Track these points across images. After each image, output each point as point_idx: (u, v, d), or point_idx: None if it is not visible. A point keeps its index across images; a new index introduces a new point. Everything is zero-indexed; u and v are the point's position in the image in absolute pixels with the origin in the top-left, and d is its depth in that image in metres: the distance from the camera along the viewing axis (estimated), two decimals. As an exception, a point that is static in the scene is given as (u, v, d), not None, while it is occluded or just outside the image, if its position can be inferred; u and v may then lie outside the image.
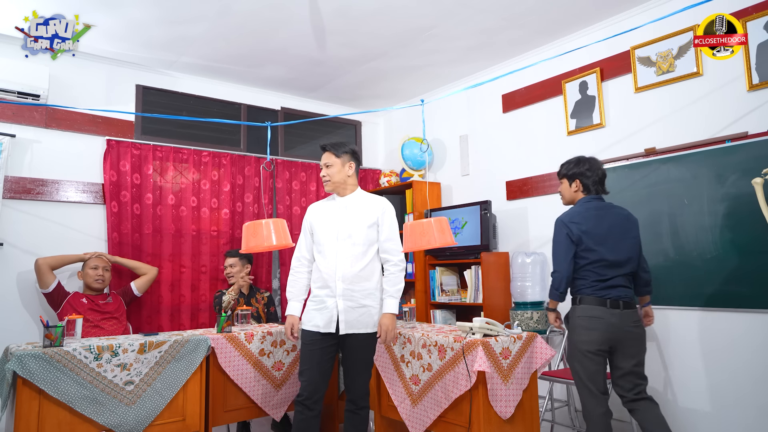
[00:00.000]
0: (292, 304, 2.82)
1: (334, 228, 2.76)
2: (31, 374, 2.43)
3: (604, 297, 2.68)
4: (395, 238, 2.79)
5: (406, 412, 2.95)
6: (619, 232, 2.75)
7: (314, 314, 2.72)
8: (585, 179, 2.86)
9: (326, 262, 2.74)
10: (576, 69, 3.88)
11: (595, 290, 2.70)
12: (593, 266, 2.71)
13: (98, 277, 3.59)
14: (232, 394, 3.02)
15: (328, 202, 2.89)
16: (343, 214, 2.78)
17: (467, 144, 4.71)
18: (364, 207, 2.81)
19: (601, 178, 2.88)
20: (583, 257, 2.73)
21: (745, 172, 2.94)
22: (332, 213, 2.81)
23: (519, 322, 3.75)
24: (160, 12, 3.41)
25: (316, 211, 2.87)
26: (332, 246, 2.74)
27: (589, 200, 2.84)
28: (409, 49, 4.06)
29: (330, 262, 2.72)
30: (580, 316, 2.72)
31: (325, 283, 2.72)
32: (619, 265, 2.72)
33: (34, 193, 3.74)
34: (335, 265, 2.71)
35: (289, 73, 4.48)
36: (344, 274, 2.70)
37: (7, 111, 3.68)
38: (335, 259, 2.72)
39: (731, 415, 3.02)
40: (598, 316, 2.66)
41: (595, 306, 2.68)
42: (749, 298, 2.95)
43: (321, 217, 2.82)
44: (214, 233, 4.38)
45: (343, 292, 2.68)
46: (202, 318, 4.26)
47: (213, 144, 4.57)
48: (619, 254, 2.72)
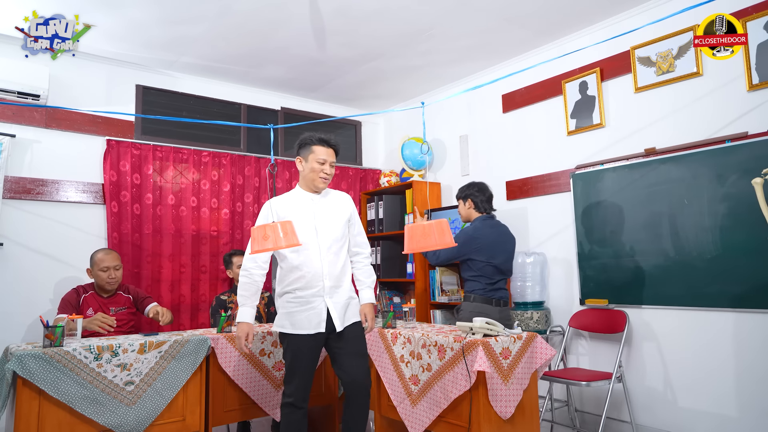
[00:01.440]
0: (246, 310, 2.68)
1: (311, 224, 2.66)
2: (31, 374, 2.43)
3: (491, 297, 3.34)
4: (363, 231, 2.89)
5: (405, 412, 2.95)
6: (504, 246, 3.42)
7: (299, 317, 2.62)
8: (475, 198, 3.50)
9: (308, 260, 2.62)
10: (576, 69, 3.88)
11: (486, 291, 3.34)
12: (485, 272, 3.35)
13: (110, 280, 3.37)
14: (232, 394, 3.02)
15: (293, 197, 2.76)
16: (316, 210, 2.70)
17: (467, 144, 4.71)
18: (335, 202, 2.77)
19: (488, 198, 3.52)
20: (478, 263, 3.35)
21: (745, 172, 2.94)
22: (304, 209, 2.70)
23: (519, 322, 3.76)
24: (160, 12, 3.41)
25: (283, 207, 2.70)
26: (312, 243, 2.64)
27: (486, 218, 3.48)
28: (409, 49, 4.06)
29: (314, 261, 2.63)
30: (471, 311, 3.28)
31: (309, 282, 2.62)
32: (503, 272, 3.41)
33: (34, 193, 3.74)
34: (320, 263, 2.63)
35: (289, 73, 4.48)
36: (330, 272, 2.64)
37: (7, 111, 3.68)
38: (319, 256, 2.63)
39: (731, 415, 3.02)
40: (486, 312, 3.26)
41: (483, 304, 3.32)
42: (749, 298, 2.95)
43: (290, 213, 2.67)
44: (214, 233, 4.38)
45: (331, 291, 2.64)
46: (202, 318, 4.26)
47: (213, 144, 4.57)
48: (504, 264, 3.41)
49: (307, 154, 2.71)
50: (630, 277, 3.46)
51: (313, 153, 2.69)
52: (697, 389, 3.16)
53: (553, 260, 3.96)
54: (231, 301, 3.84)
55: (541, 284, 3.88)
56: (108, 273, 3.35)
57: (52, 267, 3.77)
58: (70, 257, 3.82)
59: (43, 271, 3.74)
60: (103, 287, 3.38)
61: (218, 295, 3.90)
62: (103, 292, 3.41)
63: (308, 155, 2.70)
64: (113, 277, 3.37)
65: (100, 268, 3.35)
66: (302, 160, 2.73)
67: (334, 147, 2.74)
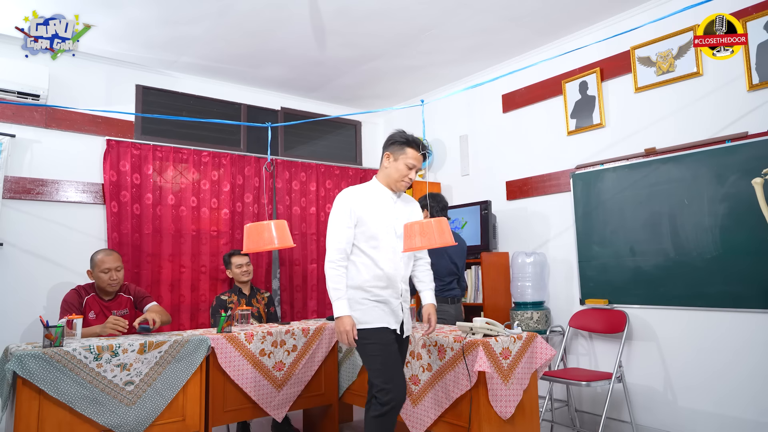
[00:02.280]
0: (343, 303, 2.46)
1: (390, 225, 2.52)
2: (31, 374, 2.43)
3: (446, 296, 3.64)
4: None
5: (406, 412, 2.94)
6: (455, 248, 3.65)
7: (381, 313, 2.48)
8: (431, 209, 3.75)
9: (388, 260, 2.49)
10: (576, 69, 3.88)
11: (441, 291, 3.58)
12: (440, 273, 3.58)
13: (112, 282, 3.28)
14: (232, 394, 3.02)
15: (373, 191, 2.59)
16: (393, 207, 2.57)
17: (467, 144, 4.71)
18: (409, 206, 2.66)
19: (443, 208, 3.73)
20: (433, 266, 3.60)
21: (745, 172, 2.94)
22: (385, 207, 2.55)
23: (519, 322, 3.76)
24: (160, 12, 3.41)
25: (361, 199, 2.53)
26: (391, 243, 2.50)
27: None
28: (409, 49, 4.06)
29: (394, 261, 2.50)
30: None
31: (390, 282, 2.49)
32: (454, 272, 3.69)
33: (34, 193, 3.74)
34: (398, 264, 2.51)
35: (289, 73, 4.48)
36: (405, 276, 2.55)
37: (7, 111, 3.68)
38: (397, 258, 2.51)
39: (731, 415, 3.02)
40: (443, 309, 3.59)
41: (439, 303, 3.54)
42: (749, 298, 2.95)
43: (371, 208, 2.51)
44: (214, 233, 4.37)
45: (403, 295, 2.54)
46: (202, 318, 4.26)
47: (213, 144, 4.57)
48: (455, 265, 3.69)
49: (399, 153, 2.54)
50: (630, 277, 3.46)
51: (405, 154, 2.53)
52: (697, 389, 3.16)
53: (553, 260, 3.96)
54: (231, 301, 3.84)
55: (541, 284, 3.88)
56: (109, 275, 3.26)
57: (52, 267, 3.77)
58: (70, 257, 3.82)
59: (43, 271, 3.73)
60: (105, 289, 3.30)
61: (218, 295, 3.90)
62: (104, 294, 3.33)
63: (399, 155, 2.54)
64: (115, 279, 3.28)
65: (101, 269, 3.25)
66: (391, 156, 2.56)
67: (425, 154, 2.61)
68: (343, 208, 2.51)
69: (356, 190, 2.58)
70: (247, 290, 3.95)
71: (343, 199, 2.53)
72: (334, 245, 2.48)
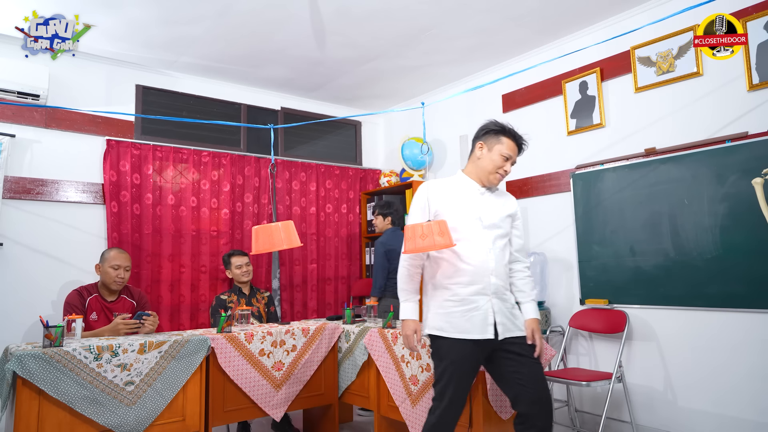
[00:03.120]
0: (411, 305, 2.32)
1: (474, 213, 2.31)
2: (31, 374, 2.43)
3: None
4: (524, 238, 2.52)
5: (406, 412, 2.95)
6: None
7: (459, 319, 2.23)
8: (393, 216, 4.32)
9: (472, 252, 2.27)
10: (576, 69, 3.88)
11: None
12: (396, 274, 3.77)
13: (118, 279, 3.31)
14: (232, 394, 3.02)
15: (457, 185, 2.40)
16: (480, 199, 2.36)
17: (467, 144, 4.71)
18: (501, 197, 2.44)
19: (401, 216, 4.30)
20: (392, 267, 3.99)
21: (745, 172, 2.94)
22: (465, 196, 2.36)
23: (519, 322, 3.75)
24: (160, 12, 3.41)
25: (440, 191, 2.36)
26: (477, 234, 2.29)
27: (394, 230, 4.24)
28: (409, 50, 4.06)
29: (480, 253, 2.27)
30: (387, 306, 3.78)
31: (473, 278, 2.25)
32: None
33: (34, 193, 3.74)
34: (486, 256, 2.27)
35: (289, 73, 4.48)
36: (497, 269, 2.28)
37: (7, 111, 3.68)
38: (485, 249, 2.28)
39: (731, 414, 3.02)
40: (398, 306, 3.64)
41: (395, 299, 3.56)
42: (749, 298, 2.95)
43: (450, 200, 2.34)
44: (213, 233, 4.38)
45: (497, 290, 2.27)
46: (202, 318, 4.26)
47: (213, 144, 4.57)
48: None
49: (494, 142, 2.35)
50: (630, 277, 3.46)
51: (501, 144, 2.34)
52: (697, 389, 3.16)
53: (553, 260, 3.96)
54: (231, 301, 3.84)
55: (541, 284, 3.88)
56: (118, 272, 3.30)
57: (52, 267, 3.77)
58: (70, 257, 3.83)
59: (43, 271, 3.73)
60: (109, 286, 3.32)
61: (218, 295, 3.89)
62: (107, 293, 3.35)
63: (494, 144, 2.34)
64: (122, 277, 3.32)
65: (111, 265, 3.29)
66: (484, 146, 2.37)
67: (521, 146, 2.40)
68: (418, 201, 2.36)
69: (435, 182, 2.42)
70: (247, 290, 3.95)
71: (420, 193, 2.37)
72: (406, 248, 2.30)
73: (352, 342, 3.41)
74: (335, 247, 5.04)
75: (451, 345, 2.23)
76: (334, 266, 5.01)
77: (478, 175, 2.39)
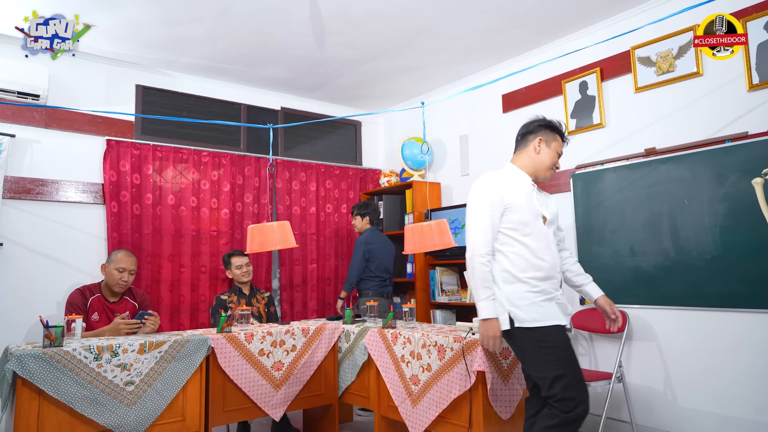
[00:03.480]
0: (489, 304, 2.22)
1: (538, 209, 2.31)
2: (31, 374, 2.43)
3: (382, 292, 4.29)
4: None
5: (406, 412, 2.95)
6: (389, 251, 4.38)
7: (552, 308, 2.23)
8: (371, 216, 4.46)
9: (545, 248, 2.27)
10: (576, 69, 3.88)
11: (379, 287, 4.28)
12: (377, 272, 4.28)
13: (122, 282, 3.32)
14: (232, 394, 3.02)
15: (516, 178, 2.37)
16: (537, 195, 2.36)
17: (467, 144, 4.71)
18: (546, 195, 2.47)
19: (378, 215, 4.52)
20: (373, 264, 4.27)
21: (745, 172, 2.94)
22: (527, 191, 2.33)
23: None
24: (160, 12, 3.41)
25: (509, 184, 2.31)
26: (543, 230, 2.29)
27: (374, 230, 4.42)
28: (409, 49, 4.06)
29: (551, 249, 2.29)
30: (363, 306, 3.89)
31: (549, 273, 2.26)
32: (389, 271, 4.36)
33: (34, 193, 3.74)
34: (553, 251, 2.29)
35: (289, 73, 4.48)
36: (558, 265, 2.34)
37: (7, 111, 3.68)
38: (552, 245, 2.31)
39: (731, 414, 3.02)
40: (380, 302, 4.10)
41: (378, 297, 4.21)
42: (749, 298, 2.95)
43: (519, 194, 2.29)
44: (213, 233, 4.38)
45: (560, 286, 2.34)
46: (202, 318, 4.26)
47: (213, 144, 4.57)
48: (389, 264, 4.36)
49: (551, 140, 2.37)
50: (630, 277, 3.46)
51: (557, 142, 2.38)
52: (697, 389, 3.16)
53: (553, 260, 3.96)
54: (231, 301, 3.85)
55: (541, 284, 3.88)
56: (122, 275, 3.32)
57: (52, 267, 3.77)
58: (70, 257, 3.83)
59: (43, 272, 3.73)
60: (112, 287, 3.34)
61: (218, 295, 3.90)
62: (109, 294, 3.37)
63: (552, 142, 2.37)
64: (126, 280, 3.34)
65: (116, 266, 3.32)
66: (543, 141, 2.37)
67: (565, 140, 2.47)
68: (488, 194, 2.27)
69: (498, 175, 2.36)
70: (247, 290, 3.95)
71: (488, 185, 2.30)
72: (482, 237, 2.24)
73: (352, 342, 3.41)
74: (335, 247, 5.04)
75: (555, 331, 2.21)
76: (334, 266, 5.01)
77: (534, 169, 2.38)
